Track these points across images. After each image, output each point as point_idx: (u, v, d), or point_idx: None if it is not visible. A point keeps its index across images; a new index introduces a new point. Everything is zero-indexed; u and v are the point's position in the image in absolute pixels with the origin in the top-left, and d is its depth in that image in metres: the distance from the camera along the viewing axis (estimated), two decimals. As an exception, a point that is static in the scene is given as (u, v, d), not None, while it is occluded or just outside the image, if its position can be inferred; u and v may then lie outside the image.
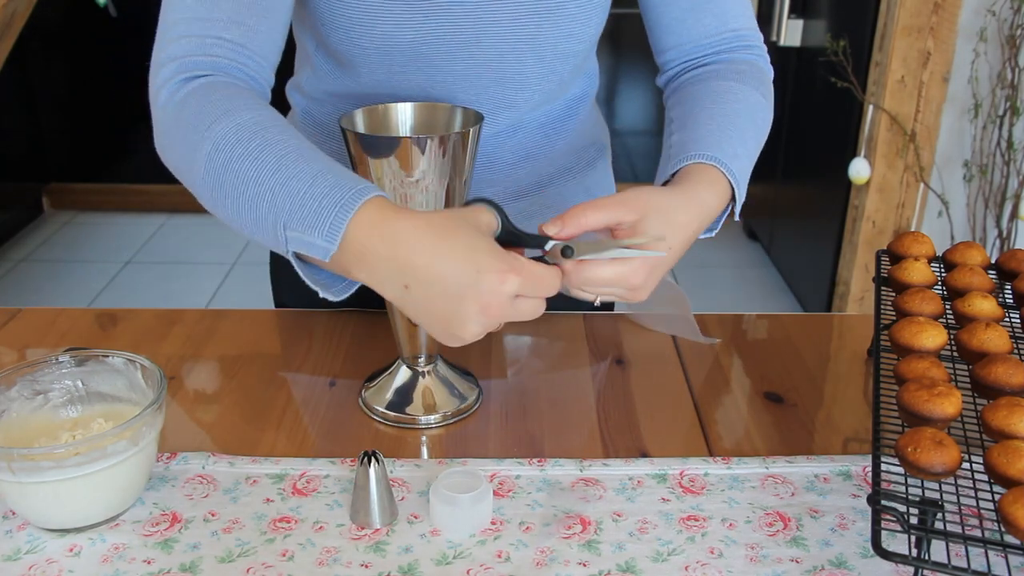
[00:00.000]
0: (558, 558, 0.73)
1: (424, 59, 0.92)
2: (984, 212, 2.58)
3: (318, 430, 0.89)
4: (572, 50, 0.95)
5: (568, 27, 0.93)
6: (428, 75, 0.93)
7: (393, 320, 0.90)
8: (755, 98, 0.93)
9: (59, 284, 3.30)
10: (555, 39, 0.93)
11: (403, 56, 0.91)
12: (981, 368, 0.80)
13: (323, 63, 0.98)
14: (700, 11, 0.96)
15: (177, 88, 0.79)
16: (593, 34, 0.96)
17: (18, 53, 3.09)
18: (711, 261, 3.52)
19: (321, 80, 1.00)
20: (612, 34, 3.65)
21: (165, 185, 3.80)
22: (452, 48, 0.91)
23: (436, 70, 0.93)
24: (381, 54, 0.91)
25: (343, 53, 0.92)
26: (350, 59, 0.93)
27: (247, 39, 0.81)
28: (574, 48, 0.95)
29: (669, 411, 0.93)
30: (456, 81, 0.94)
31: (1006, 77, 2.44)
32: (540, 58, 0.94)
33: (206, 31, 0.80)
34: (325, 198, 0.70)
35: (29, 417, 0.80)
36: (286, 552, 0.73)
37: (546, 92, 0.99)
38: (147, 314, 1.12)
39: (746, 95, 0.92)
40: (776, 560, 0.73)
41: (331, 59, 0.96)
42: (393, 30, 0.89)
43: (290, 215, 0.71)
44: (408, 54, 0.91)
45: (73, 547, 0.74)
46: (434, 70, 0.93)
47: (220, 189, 0.75)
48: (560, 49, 0.94)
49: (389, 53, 0.91)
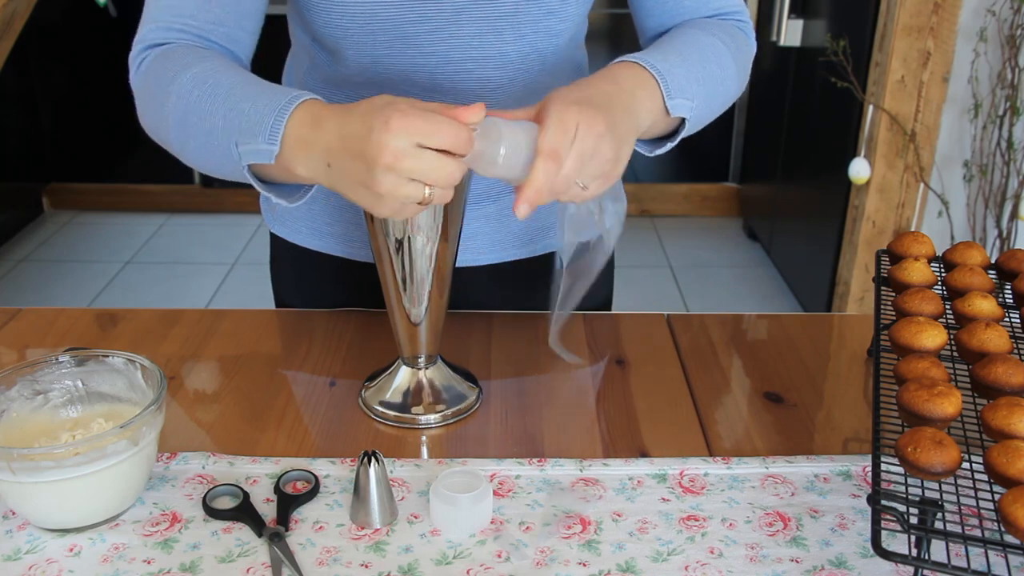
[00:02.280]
0: (558, 558, 0.73)
1: (406, 39, 0.93)
2: (984, 212, 2.58)
3: (318, 430, 0.89)
4: (554, 28, 0.96)
5: (547, 3, 0.93)
6: (411, 57, 0.94)
7: (393, 320, 0.90)
8: (710, 41, 0.92)
9: (59, 284, 3.30)
10: (535, 16, 0.94)
11: (386, 36, 0.92)
12: (981, 368, 0.80)
13: (315, 53, 0.99)
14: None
15: (143, 60, 0.88)
16: (575, 13, 0.96)
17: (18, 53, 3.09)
18: (711, 261, 3.52)
19: (317, 71, 1.00)
20: (612, 34, 3.65)
21: (165, 185, 3.81)
22: (432, 27, 0.92)
23: (418, 51, 0.93)
24: (364, 34, 0.92)
25: (328, 37, 0.93)
26: (335, 43, 0.94)
27: (213, 28, 0.88)
28: (555, 27, 0.96)
29: (669, 411, 0.93)
30: (438, 63, 0.94)
31: (1006, 77, 2.44)
32: (521, 37, 0.95)
33: (174, 17, 0.88)
34: (265, 107, 0.77)
35: (29, 417, 0.80)
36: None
37: (529, 74, 0.98)
38: (147, 314, 1.12)
39: (699, 37, 0.92)
40: (776, 560, 0.73)
41: (318, 46, 0.97)
42: (374, 9, 0.90)
43: (240, 131, 0.78)
44: (391, 34, 0.92)
45: (73, 547, 0.74)
46: (416, 51, 0.93)
47: (186, 132, 0.82)
48: (541, 27, 0.95)
49: (372, 33, 0.92)
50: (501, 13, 0.92)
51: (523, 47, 0.96)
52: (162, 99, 0.83)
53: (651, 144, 0.91)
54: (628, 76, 0.83)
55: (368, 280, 0.96)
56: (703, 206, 3.87)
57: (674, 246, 3.60)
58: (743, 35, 0.98)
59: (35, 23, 3.19)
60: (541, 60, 0.98)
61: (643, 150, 0.90)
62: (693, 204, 3.89)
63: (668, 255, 3.55)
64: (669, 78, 0.84)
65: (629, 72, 0.83)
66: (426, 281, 0.85)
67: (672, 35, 0.94)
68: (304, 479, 0.81)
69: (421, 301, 0.87)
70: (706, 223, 3.82)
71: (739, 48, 0.96)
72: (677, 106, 0.85)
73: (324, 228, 1.09)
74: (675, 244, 3.60)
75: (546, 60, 0.99)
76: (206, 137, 0.81)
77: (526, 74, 0.98)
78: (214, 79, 0.81)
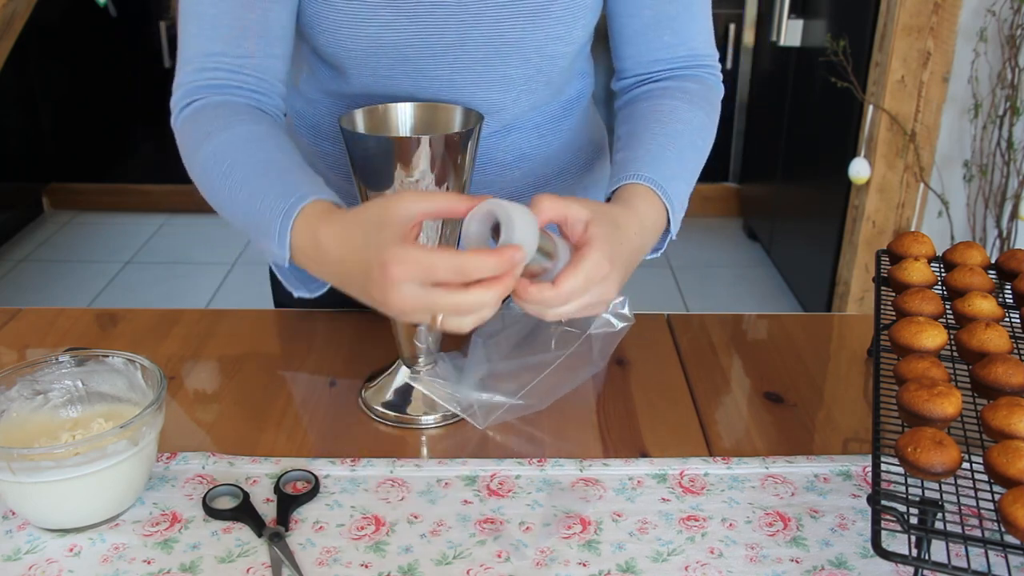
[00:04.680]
0: (558, 558, 0.73)
1: (409, 62, 0.92)
2: (984, 212, 2.58)
3: (318, 430, 0.90)
4: (558, 52, 0.95)
5: (553, 30, 0.93)
6: (413, 79, 0.94)
7: (393, 320, 0.90)
8: (699, 119, 0.94)
9: (59, 284, 3.30)
10: (540, 41, 0.93)
11: (389, 59, 0.92)
12: (981, 368, 0.80)
13: (316, 65, 0.99)
14: (660, 28, 0.97)
15: (181, 111, 0.89)
16: (580, 36, 0.96)
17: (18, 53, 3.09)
18: (711, 261, 3.52)
19: (316, 81, 1.01)
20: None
21: (165, 185, 3.80)
22: (436, 51, 0.92)
23: (421, 74, 0.93)
24: (367, 56, 0.92)
25: (331, 56, 0.93)
26: (338, 62, 0.94)
27: (244, 61, 0.89)
28: (560, 51, 0.95)
29: (669, 411, 0.93)
30: (441, 86, 0.94)
31: (1006, 77, 2.44)
32: (525, 60, 0.94)
33: (207, 57, 0.89)
34: (272, 210, 0.78)
35: (29, 417, 0.80)
36: (286, 552, 0.73)
37: (534, 94, 0.99)
38: (147, 314, 1.12)
39: (690, 116, 0.94)
40: (776, 560, 0.73)
41: (324, 63, 0.97)
42: (378, 32, 0.90)
43: (256, 229, 0.80)
44: (393, 57, 0.92)
45: (73, 547, 0.74)
46: (419, 74, 0.93)
47: (216, 206, 0.86)
48: (546, 51, 0.94)
49: (375, 55, 0.92)
50: (506, 40, 0.92)
51: (528, 70, 0.96)
52: (191, 164, 0.87)
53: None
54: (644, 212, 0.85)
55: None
56: (703, 206, 3.87)
57: (674, 246, 3.55)
58: (715, 91, 1.00)
59: (35, 23, 3.19)
60: (546, 80, 0.98)
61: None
62: (693, 204, 3.81)
63: (668, 255, 3.55)
64: (675, 202, 0.88)
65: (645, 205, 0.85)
66: (426, 281, 0.85)
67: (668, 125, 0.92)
68: (304, 479, 0.81)
69: (421, 301, 0.87)
70: (706, 223, 3.82)
71: (716, 110, 0.98)
72: (675, 223, 0.90)
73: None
74: (675, 244, 3.56)
75: (551, 80, 0.99)
76: (234, 220, 0.84)
77: (531, 95, 0.99)
78: (232, 158, 0.83)
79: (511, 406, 0.90)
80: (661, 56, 0.98)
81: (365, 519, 0.77)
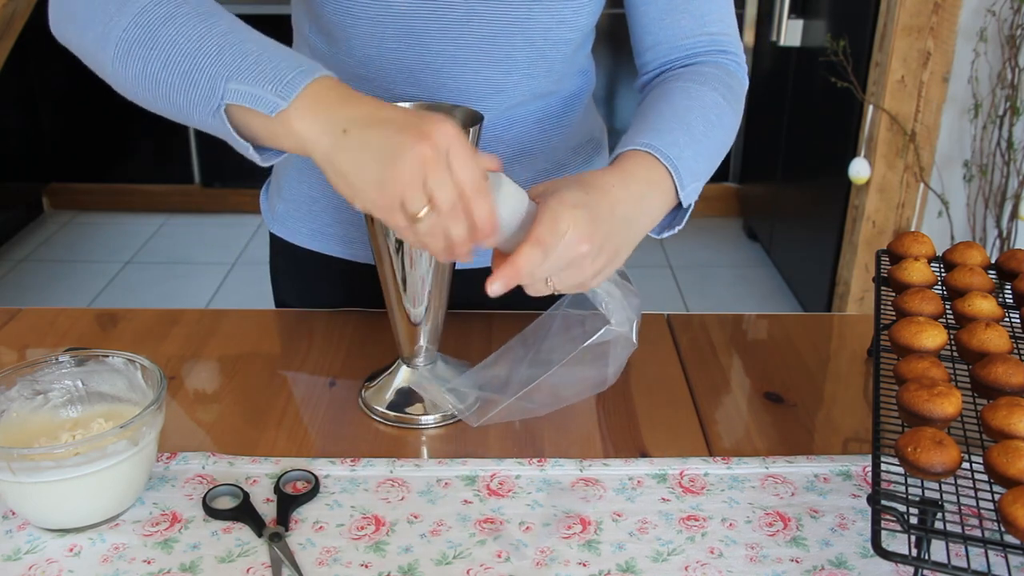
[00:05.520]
0: (558, 558, 0.73)
1: (414, 35, 0.92)
2: (984, 212, 2.58)
3: (318, 430, 0.90)
4: (563, 37, 0.96)
5: (560, 12, 0.93)
6: (417, 53, 0.93)
7: (393, 320, 0.90)
8: (711, 97, 0.92)
9: (59, 284, 3.30)
10: (546, 24, 0.93)
11: (394, 30, 0.92)
12: (981, 368, 0.80)
13: (317, 41, 0.98)
14: (678, 12, 0.96)
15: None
16: (585, 23, 0.96)
17: (18, 53, 3.09)
18: (711, 261, 3.52)
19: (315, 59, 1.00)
20: (611, 34, 3.65)
21: (165, 185, 3.80)
22: (443, 25, 0.92)
23: (425, 48, 0.93)
24: (372, 24, 0.91)
25: (335, 24, 0.93)
26: (342, 30, 0.93)
27: None
28: (565, 36, 0.96)
29: (669, 411, 0.93)
30: (445, 62, 0.94)
31: (1006, 77, 2.44)
32: (530, 42, 0.95)
33: None
34: (284, 62, 0.71)
35: (29, 417, 0.80)
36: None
37: (535, 80, 0.99)
38: (147, 314, 1.12)
39: (701, 94, 0.92)
40: (776, 560, 0.73)
41: (323, 35, 0.97)
42: (387, 1, 0.89)
43: (238, 70, 0.71)
44: (399, 27, 0.92)
45: (73, 547, 0.74)
46: (423, 48, 0.93)
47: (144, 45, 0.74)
48: (551, 35, 0.95)
49: (382, 23, 0.91)
50: (513, 18, 0.92)
51: (531, 53, 0.96)
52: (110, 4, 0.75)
53: (658, 227, 0.89)
54: (640, 176, 0.82)
55: (368, 280, 0.96)
56: (703, 206, 3.84)
57: (674, 246, 3.60)
58: (737, 78, 0.98)
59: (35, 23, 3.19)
60: (548, 67, 0.98)
61: (652, 234, 0.88)
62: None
63: (668, 255, 3.55)
64: (681, 167, 0.84)
65: (642, 169, 0.82)
66: (426, 281, 0.86)
67: (675, 101, 0.91)
68: (304, 479, 0.81)
69: (421, 301, 0.87)
70: (706, 223, 3.82)
71: (736, 97, 0.96)
72: (689, 194, 0.86)
73: (324, 229, 1.09)
74: (675, 244, 3.60)
75: (553, 67, 0.99)
76: (179, 57, 0.72)
77: (532, 79, 0.99)
78: (211, 4, 0.75)
79: (508, 406, 0.89)
80: (681, 42, 0.97)
81: (365, 519, 0.77)
